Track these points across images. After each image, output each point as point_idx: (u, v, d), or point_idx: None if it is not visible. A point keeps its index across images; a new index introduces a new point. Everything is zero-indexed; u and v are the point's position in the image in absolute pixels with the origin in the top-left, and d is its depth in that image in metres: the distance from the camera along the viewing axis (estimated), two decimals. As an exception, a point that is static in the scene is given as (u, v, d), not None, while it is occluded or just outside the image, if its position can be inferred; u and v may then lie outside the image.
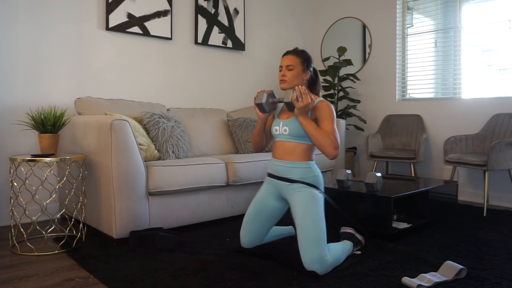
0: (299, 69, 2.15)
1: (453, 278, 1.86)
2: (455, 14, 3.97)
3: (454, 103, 3.93)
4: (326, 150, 1.98)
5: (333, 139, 1.99)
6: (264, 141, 2.32)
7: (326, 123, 2.05)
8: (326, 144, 1.98)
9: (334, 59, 4.70)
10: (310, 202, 2.01)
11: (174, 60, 3.81)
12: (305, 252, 1.91)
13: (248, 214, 2.24)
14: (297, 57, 2.17)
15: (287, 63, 2.15)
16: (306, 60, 2.18)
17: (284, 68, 2.16)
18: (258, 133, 2.28)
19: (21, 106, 2.97)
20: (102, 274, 1.93)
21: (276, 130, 2.17)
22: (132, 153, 2.40)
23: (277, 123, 2.18)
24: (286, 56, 2.19)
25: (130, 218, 2.40)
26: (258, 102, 2.16)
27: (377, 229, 2.47)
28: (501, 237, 2.54)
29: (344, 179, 2.79)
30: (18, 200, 2.55)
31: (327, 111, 2.07)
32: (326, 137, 1.98)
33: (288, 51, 2.21)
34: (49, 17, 3.08)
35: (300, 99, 1.99)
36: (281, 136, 2.15)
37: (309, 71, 2.20)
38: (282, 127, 2.13)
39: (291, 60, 2.16)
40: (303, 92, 2.00)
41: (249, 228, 2.21)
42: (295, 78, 2.14)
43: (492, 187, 3.63)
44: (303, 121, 2.02)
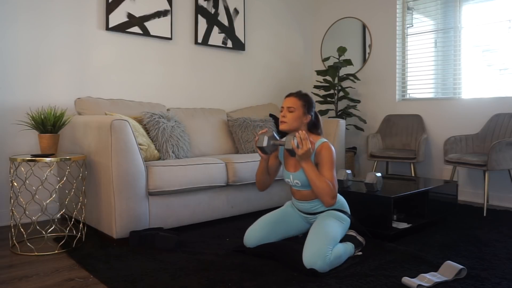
0: (300, 112, 2.17)
1: (453, 278, 1.86)
2: (455, 14, 3.97)
3: (454, 103, 3.93)
4: (324, 198, 2.04)
5: (332, 188, 2.04)
6: (269, 180, 2.34)
7: (326, 170, 2.08)
8: (325, 192, 2.03)
9: (334, 59, 4.70)
10: (329, 217, 2.12)
11: (174, 60, 3.81)
12: (308, 247, 1.95)
13: (267, 218, 2.29)
14: (299, 100, 2.19)
15: (289, 105, 2.18)
16: (308, 103, 2.20)
17: (285, 109, 2.19)
18: (262, 172, 2.30)
19: (21, 106, 2.97)
20: (102, 274, 1.93)
21: (288, 181, 2.25)
22: (132, 153, 2.40)
23: (287, 175, 2.24)
24: (288, 98, 2.21)
25: (130, 218, 2.40)
26: (260, 145, 2.17)
27: (377, 229, 2.47)
28: (501, 237, 2.54)
29: (344, 179, 2.79)
30: (18, 200, 2.55)
31: (328, 157, 2.10)
32: (326, 186, 2.02)
33: (291, 93, 2.23)
34: (49, 17, 3.08)
35: (300, 145, 2.02)
36: (295, 186, 2.23)
37: (310, 115, 2.22)
38: (294, 180, 2.21)
39: (293, 102, 2.18)
40: (303, 138, 2.02)
41: (260, 230, 2.23)
42: (295, 120, 2.17)
43: (492, 187, 3.63)
44: (305, 167, 2.05)
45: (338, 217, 2.14)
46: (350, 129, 4.62)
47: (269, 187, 2.42)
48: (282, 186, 3.28)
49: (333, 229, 2.05)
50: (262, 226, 2.24)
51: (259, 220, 2.28)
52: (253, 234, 2.23)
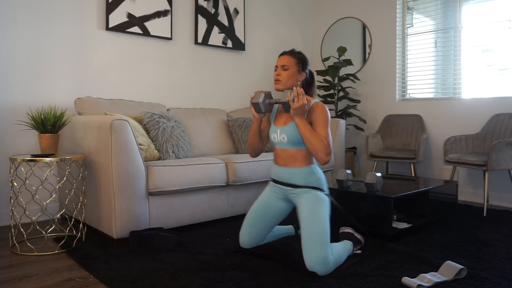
0: (294, 69, 2.15)
1: (453, 278, 1.86)
2: (455, 14, 3.97)
3: (454, 103, 3.93)
4: (318, 155, 1.98)
5: (326, 145, 1.98)
6: (260, 144, 2.29)
7: (320, 128, 2.04)
8: (318, 149, 1.97)
9: (334, 59, 4.70)
10: (314, 205, 2.02)
11: (174, 60, 3.81)
12: (308, 253, 1.91)
13: (250, 214, 2.24)
14: (293, 58, 2.16)
15: (283, 63, 2.15)
16: (302, 61, 2.18)
17: (279, 68, 2.16)
18: (254, 134, 2.25)
19: (21, 106, 2.97)
20: (102, 274, 1.93)
21: (274, 138, 2.16)
22: (132, 153, 2.40)
23: (274, 130, 2.17)
24: (282, 56, 2.18)
25: (130, 218, 2.40)
26: (255, 101, 2.14)
27: (377, 229, 2.47)
28: (501, 237, 2.54)
29: (344, 179, 2.79)
30: (18, 200, 2.55)
31: (322, 115, 2.06)
32: (319, 142, 1.97)
33: (284, 52, 2.21)
34: (49, 17, 3.08)
35: (296, 99, 1.99)
36: (280, 144, 2.14)
37: (305, 72, 2.19)
38: (280, 135, 2.13)
39: (287, 60, 2.15)
40: (299, 93, 2.00)
41: (250, 229, 2.20)
42: (289, 78, 2.14)
43: (492, 187, 3.63)
44: (299, 123, 2.01)
45: (321, 201, 2.04)
46: (350, 129, 4.62)
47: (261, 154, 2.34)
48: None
49: (324, 224, 1.98)
50: (251, 225, 2.21)
51: (246, 221, 2.24)
52: (246, 235, 2.21)
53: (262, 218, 2.21)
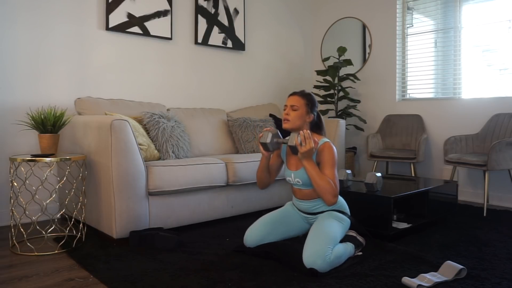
0: (303, 110, 2.19)
1: (453, 278, 1.86)
2: (455, 14, 3.97)
3: (454, 103, 3.93)
4: (325, 197, 2.05)
5: (333, 187, 2.04)
6: (269, 178, 2.36)
7: (327, 169, 2.10)
8: (326, 191, 2.03)
9: (334, 59, 4.70)
10: (329, 218, 2.13)
11: (174, 60, 3.81)
12: (308, 246, 1.95)
13: (267, 217, 2.29)
14: (302, 99, 2.20)
15: (292, 103, 2.19)
16: (311, 102, 2.22)
17: (289, 107, 2.20)
18: (263, 169, 2.31)
19: (21, 106, 2.97)
20: (102, 274, 1.93)
21: (290, 180, 2.26)
22: (132, 153, 2.40)
23: (289, 174, 2.25)
24: (292, 97, 2.22)
25: (130, 218, 2.40)
26: (263, 141, 2.19)
27: (377, 229, 2.47)
28: (501, 237, 2.54)
29: (344, 179, 2.79)
30: (18, 200, 2.55)
31: (329, 156, 2.11)
32: (326, 184, 2.03)
33: (295, 92, 2.25)
34: (49, 17, 3.08)
35: (303, 143, 2.03)
36: (296, 185, 2.24)
37: (313, 114, 2.23)
38: (295, 179, 2.21)
39: (297, 101, 2.19)
40: (307, 137, 2.04)
41: (260, 230, 2.23)
42: (298, 119, 2.18)
43: (492, 187, 3.63)
44: (307, 166, 2.06)
45: (338, 218, 2.15)
46: (350, 129, 4.62)
47: (269, 186, 2.43)
48: (282, 186, 3.28)
49: (333, 229, 2.05)
50: (262, 226, 2.24)
51: (259, 220, 2.28)
52: (253, 234, 2.23)
53: (276, 225, 2.26)
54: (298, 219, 2.32)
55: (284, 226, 2.28)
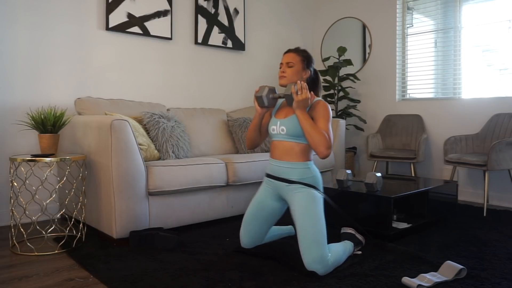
0: (299, 66, 2.16)
1: (453, 278, 1.86)
2: (455, 14, 3.97)
3: (454, 103, 3.93)
4: (318, 148, 1.97)
5: (327, 138, 1.98)
6: (259, 138, 2.30)
7: (322, 122, 2.04)
8: (319, 142, 1.96)
9: (334, 59, 4.70)
10: (309, 203, 2.00)
11: (174, 60, 3.81)
12: (306, 253, 1.91)
13: (247, 214, 2.24)
14: (298, 55, 2.18)
15: (288, 60, 2.16)
16: (307, 59, 2.19)
17: (284, 65, 2.17)
18: (254, 128, 2.25)
19: (21, 106, 2.97)
20: (102, 274, 1.93)
21: (274, 129, 2.16)
22: (132, 153, 2.40)
23: (274, 122, 2.17)
24: (287, 54, 2.20)
25: (130, 218, 2.40)
26: (259, 95, 2.16)
27: (377, 229, 2.47)
28: (501, 237, 2.54)
29: (344, 179, 2.79)
30: (18, 200, 2.55)
31: (324, 110, 2.07)
32: (320, 135, 1.97)
33: (290, 49, 2.22)
34: (49, 17, 3.08)
35: (299, 92, 2.00)
36: (279, 135, 2.14)
37: (309, 70, 2.20)
38: (280, 127, 2.12)
39: (292, 57, 2.17)
40: (303, 87, 2.01)
41: (248, 229, 2.21)
42: (294, 75, 2.14)
43: (492, 187, 3.63)
44: (300, 115, 2.01)
45: (315, 199, 2.02)
46: (350, 129, 4.62)
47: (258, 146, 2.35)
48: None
49: (320, 223, 1.96)
50: (249, 224, 2.21)
51: (244, 221, 2.24)
52: (245, 234, 2.22)
53: (258, 218, 2.21)
54: (273, 201, 2.19)
55: (267, 213, 2.20)
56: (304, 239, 1.93)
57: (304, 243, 1.93)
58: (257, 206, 2.22)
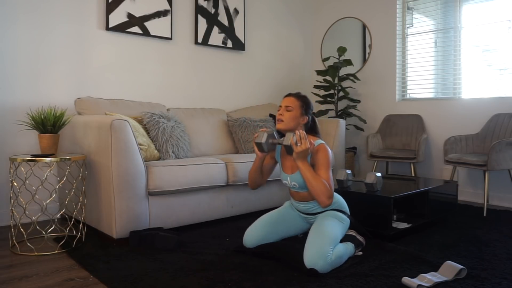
0: (298, 112, 2.18)
1: (453, 278, 1.86)
2: (455, 14, 3.97)
3: (454, 103, 3.93)
4: (320, 198, 2.02)
5: (328, 188, 2.02)
6: (261, 179, 2.33)
7: (322, 171, 2.08)
8: (320, 192, 2.01)
9: (334, 59, 4.70)
10: (329, 217, 2.13)
11: (174, 60, 3.81)
12: (309, 246, 1.95)
13: (265, 218, 2.29)
14: (297, 100, 2.20)
15: (287, 104, 2.19)
16: (306, 104, 2.21)
17: (283, 108, 2.19)
18: (255, 170, 2.28)
19: (21, 106, 2.97)
20: (102, 274, 1.93)
21: (286, 184, 2.25)
22: (132, 153, 2.40)
23: (285, 177, 2.24)
24: (287, 98, 2.22)
25: (130, 218, 2.40)
26: (258, 141, 2.17)
27: (377, 229, 2.47)
28: (501, 237, 2.54)
29: (344, 179, 2.79)
30: (18, 200, 2.55)
31: (324, 157, 2.10)
32: (321, 185, 2.01)
33: (290, 93, 2.24)
34: (49, 17, 3.08)
35: (299, 143, 2.02)
36: (293, 188, 2.23)
37: (307, 116, 2.22)
38: (291, 182, 2.20)
39: (291, 102, 2.19)
40: (302, 137, 2.03)
41: (259, 231, 2.23)
42: (292, 120, 2.16)
43: (492, 187, 3.63)
44: (301, 166, 2.04)
45: (337, 217, 2.14)
46: (350, 129, 4.62)
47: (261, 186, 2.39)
48: (281, 186, 3.28)
49: (334, 229, 2.05)
50: (261, 226, 2.24)
51: (258, 220, 2.28)
52: (253, 234, 2.23)
53: (275, 226, 2.26)
54: (297, 219, 2.32)
55: (284, 226, 2.28)
56: (311, 236, 2.00)
57: (310, 239, 1.99)
58: (282, 215, 2.31)
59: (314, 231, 2.04)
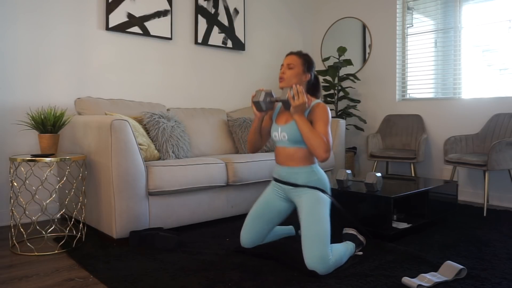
0: (299, 69, 2.16)
1: (453, 278, 1.86)
2: (455, 14, 3.97)
3: (454, 103, 3.93)
4: (317, 151, 1.98)
5: (325, 141, 1.98)
6: (260, 141, 2.30)
7: (320, 125, 2.04)
8: (317, 145, 1.97)
9: (334, 59, 4.70)
10: (315, 204, 2.02)
11: (174, 60, 3.81)
12: (308, 251, 1.91)
13: (251, 213, 2.25)
14: (299, 58, 2.18)
15: (288, 62, 2.17)
16: (308, 62, 2.19)
17: (285, 66, 2.17)
18: (254, 131, 2.26)
19: (21, 106, 2.97)
20: (102, 274, 1.93)
21: (275, 136, 2.18)
22: (132, 153, 2.40)
23: (275, 128, 2.18)
24: (289, 56, 2.20)
25: (130, 218, 2.40)
26: (256, 100, 2.16)
27: (377, 229, 2.47)
28: (501, 237, 2.54)
29: (344, 179, 2.79)
30: (18, 200, 2.55)
31: (322, 113, 2.07)
32: (318, 139, 1.97)
33: (292, 52, 2.23)
34: (49, 17, 3.08)
35: (296, 97, 2.00)
36: (281, 142, 2.15)
37: (310, 74, 2.20)
38: (281, 133, 2.13)
39: (293, 59, 2.17)
40: (299, 91, 2.01)
41: (250, 228, 2.21)
42: (294, 77, 2.14)
43: (492, 187, 3.63)
44: (298, 120, 2.01)
45: (322, 201, 2.04)
46: (350, 129, 4.62)
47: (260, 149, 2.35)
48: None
49: (326, 224, 1.98)
50: (252, 223, 2.21)
51: (247, 220, 2.24)
52: (247, 233, 2.22)
53: (263, 217, 2.21)
54: (281, 202, 2.22)
55: (271, 213, 2.21)
56: (307, 237, 1.94)
57: (306, 241, 1.94)
58: (264, 205, 2.23)
59: (306, 230, 1.96)
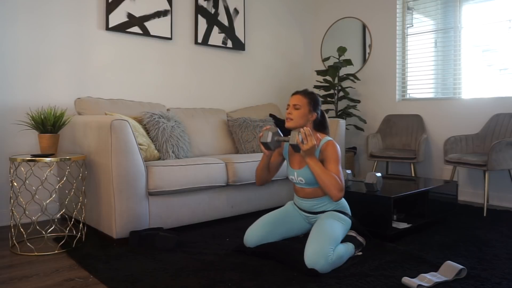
0: (306, 109, 2.19)
1: (453, 278, 1.86)
2: (455, 14, 3.97)
3: (454, 103, 3.93)
4: (331, 191, 2.03)
5: (338, 181, 2.03)
6: (268, 176, 2.36)
7: (332, 165, 2.09)
8: (331, 185, 2.02)
9: (334, 59, 4.70)
10: (330, 218, 2.13)
11: (174, 60, 3.81)
12: (309, 246, 1.95)
13: (266, 217, 2.29)
14: (305, 98, 2.21)
15: (294, 102, 2.20)
16: (314, 101, 2.23)
17: (291, 107, 2.20)
18: (263, 168, 2.31)
19: (21, 106, 2.97)
20: (102, 274, 1.93)
21: (292, 179, 2.26)
22: (132, 153, 2.40)
23: (291, 172, 2.25)
24: (294, 96, 2.23)
25: (130, 218, 2.40)
26: (264, 141, 2.18)
27: (377, 229, 2.47)
28: (501, 237, 2.54)
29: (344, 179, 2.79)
30: (18, 200, 2.55)
31: (333, 152, 2.12)
32: (331, 179, 2.02)
33: (297, 91, 2.25)
34: (49, 17, 3.08)
35: (305, 141, 2.03)
36: (299, 184, 2.24)
37: (316, 112, 2.23)
38: (298, 177, 2.21)
39: (299, 100, 2.20)
40: (307, 134, 2.03)
41: (260, 230, 2.23)
42: (301, 118, 2.19)
43: (492, 187, 3.63)
44: (310, 162, 2.06)
45: (339, 218, 2.15)
46: (350, 129, 4.62)
47: (267, 183, 2.43)
48: (282, 186, 3.28)
49: (335, 229, 2.05)
50: (262, 226, 2.24)
51: (260, 220, 2.28)
52: (253, 233, 2.23)
53: (277, 224, 2.27)
54: (299, 219, 2.32)
55: (285, 226, 2.28)
56: (312, 236, 2.00)
57: (311, 239, 1.99)
58: (283, 214, 2.31)
59: (315, 230, 2.04)
